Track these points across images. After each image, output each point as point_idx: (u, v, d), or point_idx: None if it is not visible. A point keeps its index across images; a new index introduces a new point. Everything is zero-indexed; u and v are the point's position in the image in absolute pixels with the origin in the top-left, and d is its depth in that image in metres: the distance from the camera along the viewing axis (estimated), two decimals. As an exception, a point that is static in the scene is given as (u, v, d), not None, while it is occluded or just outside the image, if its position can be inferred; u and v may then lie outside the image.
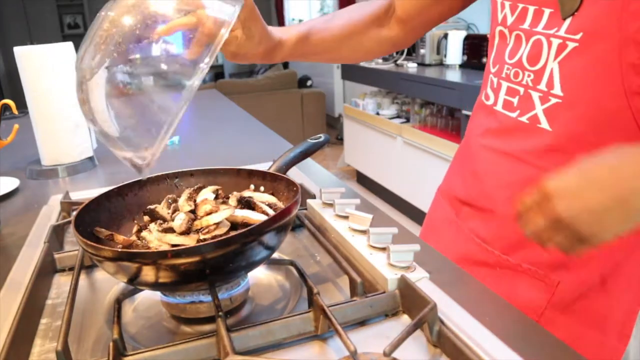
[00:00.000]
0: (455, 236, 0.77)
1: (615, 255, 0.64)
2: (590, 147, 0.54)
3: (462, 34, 2.88)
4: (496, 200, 0.70)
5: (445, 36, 2.93)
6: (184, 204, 0.57)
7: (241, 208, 0.59)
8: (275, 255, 0.63)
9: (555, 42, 0.58)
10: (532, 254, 0.67)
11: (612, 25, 0.53)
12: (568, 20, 0.56)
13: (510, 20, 0.65)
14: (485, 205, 0.72)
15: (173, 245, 0.53)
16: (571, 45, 0.56)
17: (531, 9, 0.61)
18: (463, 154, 0.80)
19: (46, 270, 0.64)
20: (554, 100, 0.60)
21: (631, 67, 0.54)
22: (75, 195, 0.92)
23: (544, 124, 0.62)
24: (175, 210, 0.59)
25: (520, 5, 0.62)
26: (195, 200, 0.59)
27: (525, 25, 0.62)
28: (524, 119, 0.64)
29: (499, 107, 0.69)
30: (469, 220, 0.76)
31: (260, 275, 0.63)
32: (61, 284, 0.65)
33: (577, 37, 0.56)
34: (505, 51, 0.67)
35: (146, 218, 0.60)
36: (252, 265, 0.54)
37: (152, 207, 0.61)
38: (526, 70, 0.63)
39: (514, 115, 0.66)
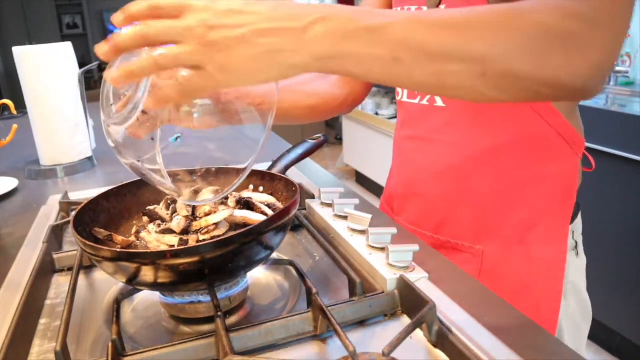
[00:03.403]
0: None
1: (532, 216, 0.70)
2: (481, 115, 0.67)
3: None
4: (419, 182, 0.78)
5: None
6: (181, 206, 0.57)
7: (240, 208, 0.59)
8: (275, 255, 0.63)
9: None
10: (455, 228, 0.74)
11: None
12: None
13: None
14: (412, 191, 0.80)
15: (172, 246, 0.53)
16: None
17: (413, 8, 0.73)
18: (393, 152, 0.88)
19: (45, 270, 0.64)
20: None
21: None
22: (74, 196, 0.92)
23: (439, 102, 0.72)
24: (175, 211, 0.59)
25: (406, 7, 0.75)
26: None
27: None
28: (424, 101, 0.75)
29: (404, 98, 0.79)
30: (401, 212, 0.82)
31: (259, 276, 0.63)
32: (60, 284, 0.65)
33: None
34: None
35: (145, 219, 0.60)
36: (251, 265, 0.54)
37: (151, 207, 0.61)
38: None
39: (416, 101, 0.76)
